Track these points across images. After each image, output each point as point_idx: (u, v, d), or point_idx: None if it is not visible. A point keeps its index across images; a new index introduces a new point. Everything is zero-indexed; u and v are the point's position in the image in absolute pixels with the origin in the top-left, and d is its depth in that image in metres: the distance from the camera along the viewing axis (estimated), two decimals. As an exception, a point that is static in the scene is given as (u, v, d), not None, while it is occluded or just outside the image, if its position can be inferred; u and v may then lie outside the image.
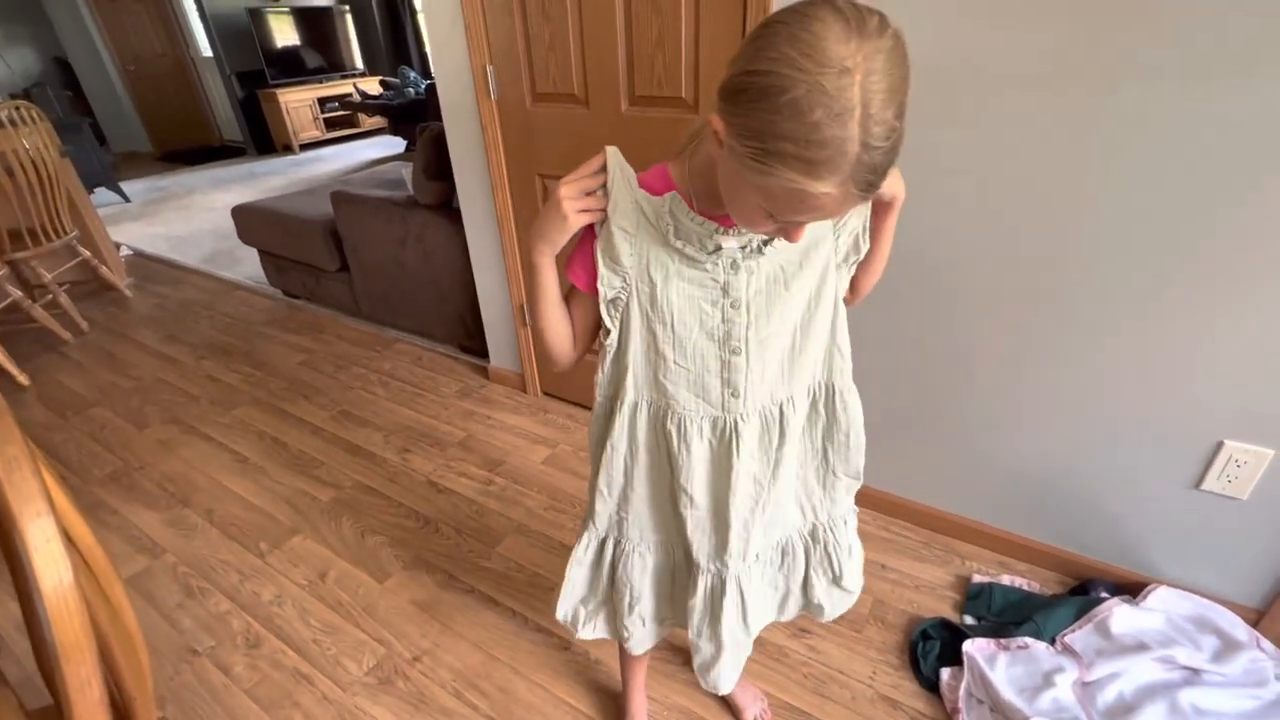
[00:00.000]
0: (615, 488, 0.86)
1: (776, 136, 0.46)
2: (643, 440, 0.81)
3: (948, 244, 1.28)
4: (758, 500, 0.83)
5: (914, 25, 1.10)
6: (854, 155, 0.45)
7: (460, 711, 1.26)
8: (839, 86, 0.43)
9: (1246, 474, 1.19)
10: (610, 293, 0.72)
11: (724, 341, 0.73)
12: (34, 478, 0.47)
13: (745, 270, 0.69)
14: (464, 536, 1.68)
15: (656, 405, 0.78)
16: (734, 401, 0.76)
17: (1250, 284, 1.06)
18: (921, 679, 1.27)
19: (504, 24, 1.61)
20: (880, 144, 0.46)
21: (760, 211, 0.54)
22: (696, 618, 0.90)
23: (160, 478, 1.95)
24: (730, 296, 0.70)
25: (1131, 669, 1.17)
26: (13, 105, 2.63)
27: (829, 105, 0.43)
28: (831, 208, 0.50)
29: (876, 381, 1.49)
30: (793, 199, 0.49)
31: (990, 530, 1.53)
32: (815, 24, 0.44)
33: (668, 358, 0.74)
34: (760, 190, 0.51)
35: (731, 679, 0.95)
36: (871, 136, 0.45)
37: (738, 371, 0.74)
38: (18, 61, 6.32)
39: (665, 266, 0.70)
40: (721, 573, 0.87)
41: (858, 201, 0.50)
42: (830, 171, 0.46)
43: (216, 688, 1.33)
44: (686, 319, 0.72)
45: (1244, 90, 0.95)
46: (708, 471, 0.81)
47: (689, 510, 0.82)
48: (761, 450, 0.80)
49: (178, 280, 3.52)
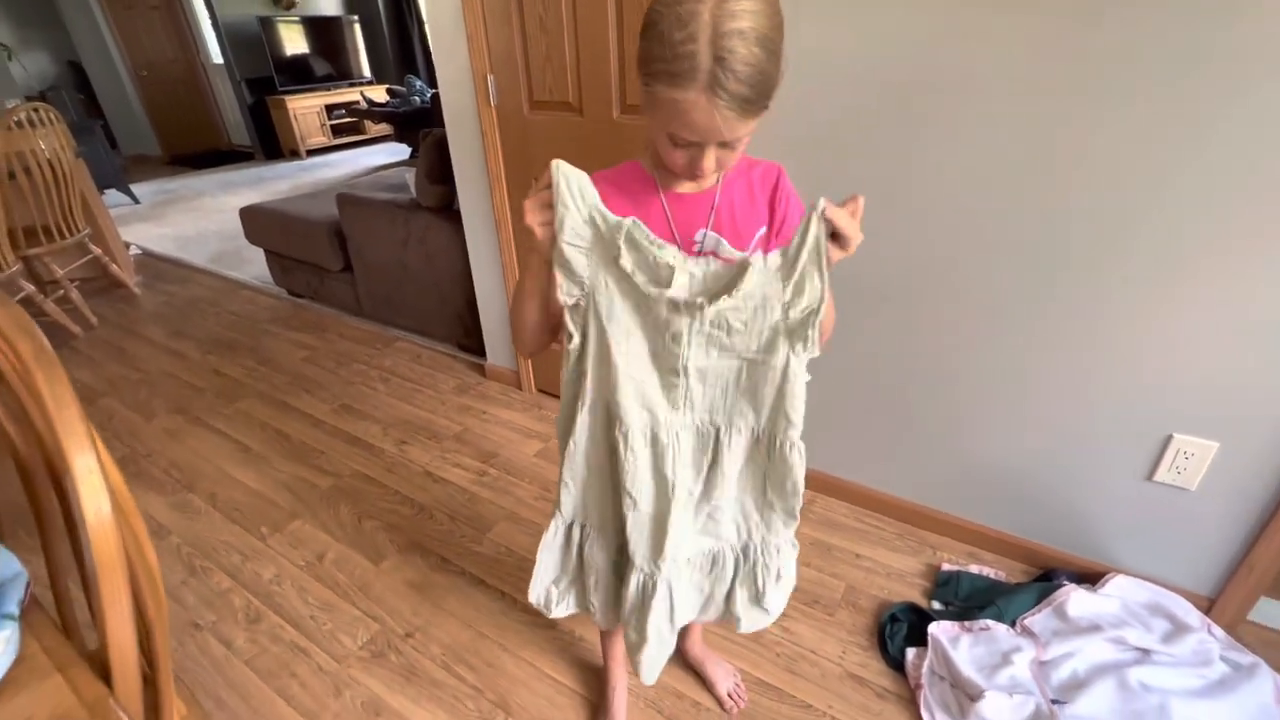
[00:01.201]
0: (578, 480, 0.89)
1: (651, 60, 0.60)
2: (600, 440, 0.85)
3: (921, 257, 1.36)
4: (691, 511, 0.87)
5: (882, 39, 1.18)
6: (708, 68, 0.58)
7: (449, 683, 1.32)
8: (691, 13, 0.57)
9: (1194, 465, 1.26)
10: (569, 299, 0.75)
11: (664, 363, 0.77)
12: (80, 417, 0.55)
13: (686, 315, 0.72)
14: (457, 523, 1.75)
15: (609, 409, 0.81)
16: (673, 415, 0.80)
17: (1186, 286, 1.14)
18: (888, 658, 1.34)
19: (504, 34, 1.70)
20: (732, 58, 0.57)
21: (664, 139, 0.66)
22: (627, 608, 0.93)
23: (166, 464, 2.02)
24: (671, 330, 0.74)
25: (1085, 649, 1.24)
26: (31, 107, 2.73)
27: (683, 27, 0.57)
28: (704, 121, 0.61)
29: (855, 382, 1.57)
30: (671, 110, 0.62)
31: (960, 522, 1.60)
32: None
33: (619, 366, 0.77)
34: (653, 114, 0.63)
35: (655, 671, 0.96)
36: (724, 51, 0.57)
37: (676, 390, 0.79)
38: (33, 64, 6.47)
39: (619, 283, 0.73)
40: (654, 575, 0.89)
41: (733, 120, 0.61)
42: (689, 80, 0.59)
43: (218, 659, 1.39)
44: (634, 335, 0.76)
45: (1167, 99, 1.03)
46: (650, 478, 0.84)
47: (631, 512, 0.85)
48: (694, 465, 0.84)
49: (185, 279, 3.61)
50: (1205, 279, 1.12)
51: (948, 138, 1.23)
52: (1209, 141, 1.04)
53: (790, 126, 1.34)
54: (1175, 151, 1.06)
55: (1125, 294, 1.19)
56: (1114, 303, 1.21)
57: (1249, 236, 1.06)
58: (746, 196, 0.80)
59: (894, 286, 1.42)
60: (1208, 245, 1.10)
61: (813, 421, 1.73)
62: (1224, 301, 1.12)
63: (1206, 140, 1.04)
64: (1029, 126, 1.15)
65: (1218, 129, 1.02)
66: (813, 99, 1.31)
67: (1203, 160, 1.05)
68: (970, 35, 1.14)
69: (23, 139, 2.66)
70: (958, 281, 1.35)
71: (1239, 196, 1.05)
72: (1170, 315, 1.17)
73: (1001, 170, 1.21)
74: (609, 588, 0.99)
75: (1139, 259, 1.16)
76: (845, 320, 1.50)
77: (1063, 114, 1.12)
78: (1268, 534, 1.23)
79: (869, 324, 1.49)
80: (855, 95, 1.28)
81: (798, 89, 1.34)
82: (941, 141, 1.24)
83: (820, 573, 1.55)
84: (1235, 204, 1.05)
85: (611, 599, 1.00)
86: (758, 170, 0.81)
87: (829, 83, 1.29)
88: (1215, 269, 1.11)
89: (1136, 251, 1.16)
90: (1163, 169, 1.08)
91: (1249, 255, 1.07)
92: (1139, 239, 1.14)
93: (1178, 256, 1.13)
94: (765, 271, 0.70)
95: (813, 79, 1.29)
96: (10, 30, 6.25)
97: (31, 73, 6.42)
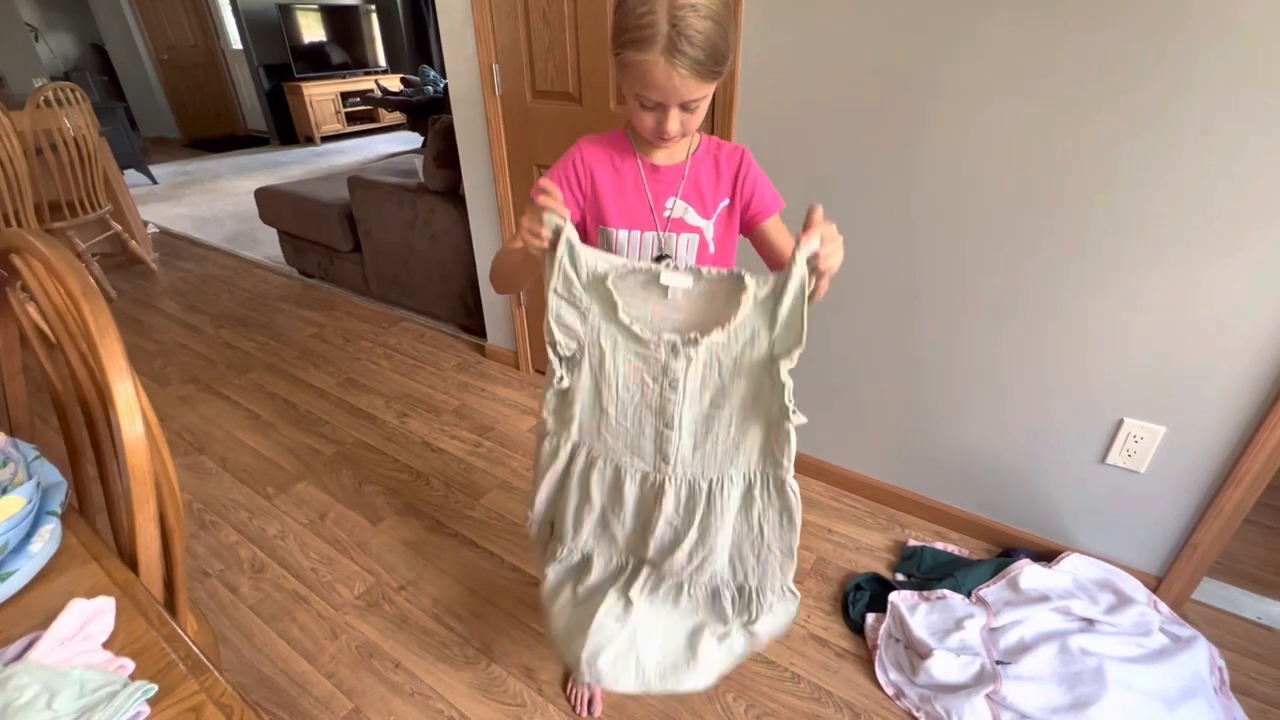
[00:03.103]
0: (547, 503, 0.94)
1: (618, 30, 0.71)
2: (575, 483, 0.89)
3: (892, 255, 1.44)
4: (673, 544, 0.88)
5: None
6: (665, 33, 0.68)
7: (438, 632, 1.42)
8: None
9: (1144, 449, 1.33)
10: (566, 352, 0.80)
11: (659, 413, 0.80)
12: (120, 347, 0.64)
13: (684, 356, 0.76)
14: (452, 489, 1.85)
15: (595, 451, 0.86)
16: (664, 465, 0.83)
17: (1136, 278, 1.21)
18: (850, 623, 1.42)
19: (509, 27, 1.79)
20: (689, 31, 0.67)
21: (634, 103, 0.75)
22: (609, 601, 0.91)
23: (180, 428, 2.13)
24: (669, 377, 0.77)
25: (1033, 617, 1.32)
26: (58, 86, 2.84)
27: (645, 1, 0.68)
28: (664, 80, 0.71)
29: (834, 371, 1.66)
30: (637, 72, 0.72)
31: (929, 502, 1.68)
32: None
33: (610, 415, 0.81)
34: (623, 79, 0.73)
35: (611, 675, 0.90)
36: (679, 20, 0.67)
37: (669, 443, 0.81)
38: (58, 46, 6.62)
39: (614, 338, 0.77)
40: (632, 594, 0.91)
41: (691, 81, 0.71)
42: (650, 44, 0.69)
43: (225, 603, 1.49)
44: (630, 385, 0.79)
45: (1118, 103, 1.11)
46: (635, 510, 0.88)
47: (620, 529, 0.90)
48: (687, 512, 0.85)
49: (201, 257, 3.73)
50: (1154, 272, 1.19)
51: (919, 137, 1.31)
52: (1155, 145, 1.11)
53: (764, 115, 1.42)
54: (1123, 153, 1.14)
55: (1081, 286, 1.27)
56: (1070, 294, 1.29)
57: (1193, 234, 1.14)
58: (713, 172, 0.89)
59: (868, 283, 1.50)
60: (1156, 242, 1.17)
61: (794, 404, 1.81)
62: (1171, 293, 1.19)
63: (1153, 143, 1.11)
64: (992, 129, 1.23)
65: (1164, 132, 1.10)
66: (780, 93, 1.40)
67: (1149, 163, 1.12)
68: (950, 38, 1.21)
69: (50, 117, 2.78)
70: (928, 279, 1.43)
71: (1183, 197, 1.12)
72: (1121, 305, 1.25)
73: (971, 172, 1.29)
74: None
75: (1091, 254, 1.23)
76: (823, 314, 1.58)
77: (1022, 115, 1.19)
78: (1209, 516, 1.31)
79: (846, 319, 1.57)
80: (832, 94, 1.36)
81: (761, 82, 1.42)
82: (915, 141, 1.32)
83: (793, 545, 1.63)
84: (1179, 205, 1.13)
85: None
86: (724, 150, 0.90)
87: (808, 80, 1.38)
88: (1163, 263, 1.18)
89: (1089, 248, 1.23)
90: (1113, 170, 1.16)
91: (1193, 251, 1.15)
92: (1091, 236, 1.22)
93: (1127, 251, 1.20)
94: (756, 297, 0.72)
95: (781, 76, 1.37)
96: (36, 12, 6.40)
97: (57, 54, 6.57)
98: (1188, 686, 1.21)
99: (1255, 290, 1.12)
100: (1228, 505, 1.28)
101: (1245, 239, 1.10)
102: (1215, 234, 1.12)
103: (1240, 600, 1.46)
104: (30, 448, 0.73)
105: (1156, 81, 1.07)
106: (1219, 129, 1.06)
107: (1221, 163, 1.07)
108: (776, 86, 1.42)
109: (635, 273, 0.75)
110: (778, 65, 1.39)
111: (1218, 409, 1.23)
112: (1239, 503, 1.27)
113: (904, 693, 1.26)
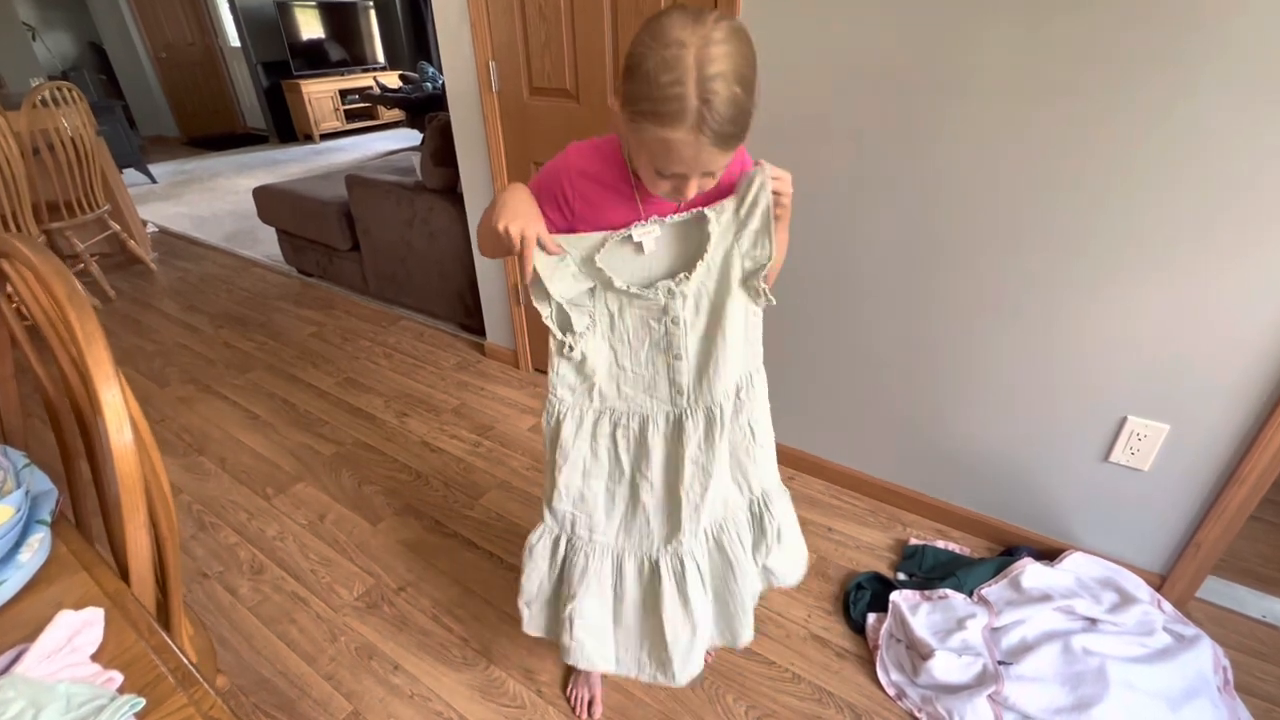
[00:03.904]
0: (572, 488, 0.97)
1: (639, 99, 0.63)
2: (604, 446, 0.94)
3: (895, 253, 1.42)
4: (702, 483, 0.94)
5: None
6: (695, 108, 0.62)
7: (437, 633, 1.42)
8: (677, 57, 0.60)
9: (1147, 447, 1.32)
10: (580, 328, 0.86)
11: (668, 349, 0.88)
12: (107, 354, 0.63)
13: (679, 295, 0.84)
14: (451, 489, 1.84)
15: (618, 411, 0.92)
16: (679, 398, 0.91)
17: (1139, 275, 1.19)
18: (851, 623, 1.41)
19: (505, 23, 1.77)
20: (717, 99, 0.61)
21: (649, 169, 0.70)
22: (669, 605, 0.98)
23: (179, 429, 2.13)
24: (670, 315, 0.86)
25: (1034, 617, 1.31)
26: (54, 86, 2.83)
27: (670, 70, 0.61)
28: (691, 155, 0.66)
29: (837, 368, 1.65)
30: (660, 147, 0.66)
31: (931, 501, 1.67)
32: (664, 17, 0.63)
33: (626, 368, 0.90)
34: (640, 146, 0.67)
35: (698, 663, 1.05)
36: (709, 94, 0.61)
37: (681, 374, 0.89)
38: (55, 45, 6.60)
39: (619, 301, 0.85)
40: (679, 551, 0.98)
41: (717, 153, 0.66)
42: (678, 121, 0.63)
43: (224, 605, 1.49)
44: (640, 335, 0.88)
45: (1121, 99, 1.09)
46: (663, 459, 0.94)
47: (649, 495, 0.95)
48: (707, 440, 0.92)
49: (200, 256, 3.72)
50: (1159, 269, 1.18)
51: (925, 137, 1.29)
52: (1161, 140, 1.09)
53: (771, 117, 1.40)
54: (1128, 150, 1.12)
55: (1084, 284, 1.25)
56: (1073, 292, 1.27)
57: (1199, 231, 1.12)
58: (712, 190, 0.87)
59: (871, 280, 1.49)
60: (1161, 240, 1.15)
61: (796, 404, 1.82)
62: (1175, 290, 1.18)
63: (1159, 139, 1.09)
64: (996, 125, 1.21)
65: (1171, 128, 1.08)
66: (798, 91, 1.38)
67: (1154, 158, 1.11)
68: (957, 38, 1.20)
69: (47, 117, 2.77)
70: (930, 276, 1.41)
71: (1189, 196, 1.10)
72: (1125, 302, 1.23)
73: (975, 172, 1.27)
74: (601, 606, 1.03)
75: (1095, 253, 1.22)
76: (826, 310, 1.57)
77: (1025, 114, 1.18)
78: (1214, 514, 1.29)
79: (849, 315, 1.56)
80: (835, 93, 1.34)
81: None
82: (921, 141, 1.30)
83: (793, 544, 1.63)
84: (1183, 201, 1.11)
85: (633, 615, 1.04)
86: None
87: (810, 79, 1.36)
88: (1168, 261, 1.16)
89: (1093, 246, 1.21)
90: (1118, 170, 1.14)
91: (1198, 248, 1.13)
92: (1096, 234, 1.20)
93: (1131, 249, 1.18)
94: (720, 226, 0.81)
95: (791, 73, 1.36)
96: (34, 10, 6.38)
97: (54, 53, 6.56)
98: (1191, 686, 1.20)
99: (1260, 288, 1.11)
100: (1232, 503, 1.27)
101: (1250, 237, 1.08)
102: (1220, 232, 1.10)
103: (1245, 599, 1.45)
104: (20, 455, 0.73)
105: (1163, 82, 1.05)
106: (1226, 129, 1.04)
107: (1227, 162, 1.06)
108: (779, 85, 1.40)
109: (611, 241, 0.81)
110: (781, 63, 1.38)
111: (1222, 407, 1.22)
112: (1244, 501, 1.26)
113: (905, 693, 1.25)
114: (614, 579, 1.02)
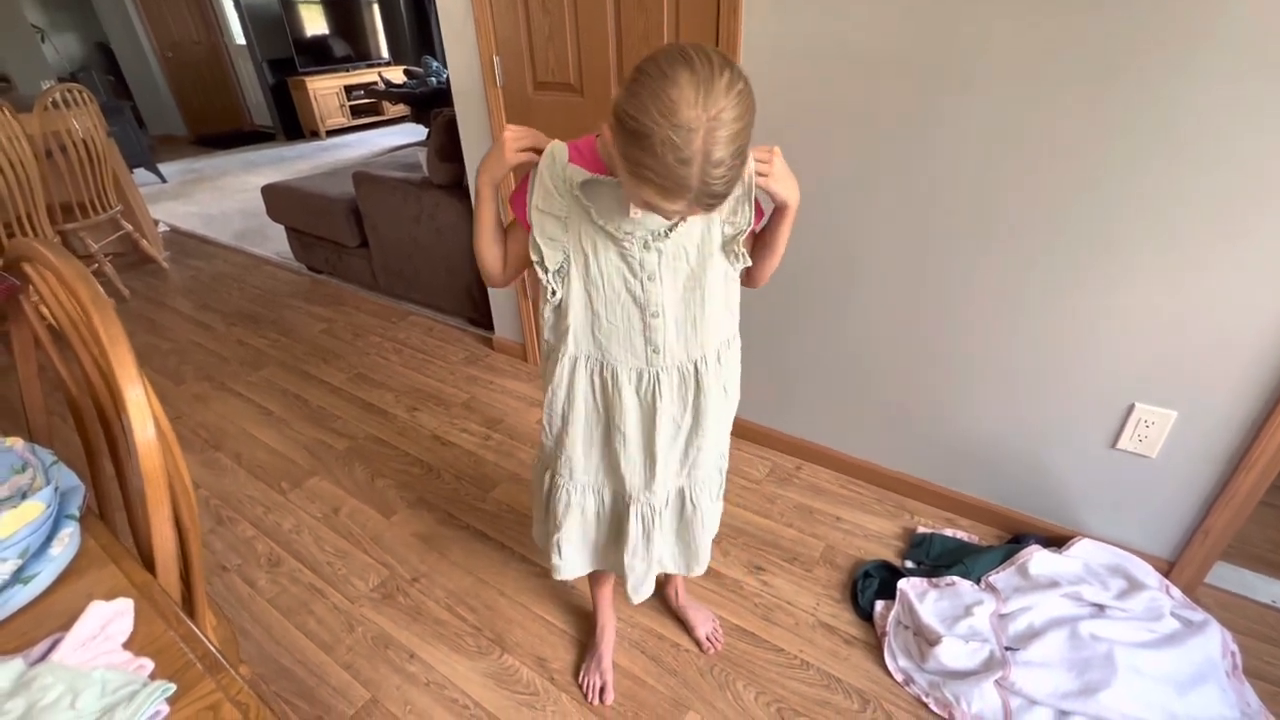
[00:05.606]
0: (553, 427, 1.02)
1: (642, 166, 0.63)
2: (580, 391, 0.95)
3: (902, 242, 1.42)
4: (675, 439, 0.98)
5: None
6: (695, 187, 0.63)
7: (451, 623, 1.44)
8: (686, 140, 0.60)
9: (1155, 434, 1.32)
10: (554, 265, 0.85)
11: (644, 307, 0.87)
12: (130, 354, 0.65)
13: (655, 250, 0.84)
14: (463, 482, 1.87)
15: (593, 359, 0.92)
16: (655, 356, 0.90)
17: (1146, 262, 1.19)
18: (859, 610, 1.43)
19: (509, 18, 1.78)
20: (716, 182, 0.63)
21: (637, 198, 0.71)
22: (633, 542, 1.06)
23: (195, 425, 2.17)
24: (646, 270, 0.85)
25: (1042, 603, 1.32)
26: (65, 88, 2.86)
27: (678, 153, 0.60)
28: (685, 213, 0.71)
29: (844, 358, 1.65)
30: (655, 207, 0.68)
31: (939, 489, 1.68)
32: (673, 88, 0.59)
33: (601, 316, 0.88)
34: (634, 191, 0.68)
35: (650, 588, 1.15)
36: (709, 176, 0.62)
37: (657, 332, 0.89)
38: (63, 46, 6.65)
39: (594, 241, 0.84)
40: (651, 501, 1.03)
41: (705, 211, 0.69)
42: (678, 196, 0.64)
43: (243, 597, 1.53)
44: (615, 284, 0.86)
45: (1129, 88, 1.08)
46: (638, 415, 0.96)
47: (623, 446, 0.97)
48: (680, 399, 0.95)
49: (211, 255, 3.76)
50: (1165, 256, 1.18)
51: (930, 127, 1.29)
52: (1172, 129, 1.08)
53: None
54: (1135, 142, 1.11)
55: (1091, 271, 1.25)
56: (1081, 279, 1.27)
57: (1205, 219, 1.11)
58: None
59: (878, 269, 1.49)
60: (1167, 227, 1.15)
61: (802, 393, 1.82)
62: (1181, 277, 1.18)
63: (1170, 128, 1.08)
64: (1001, 116, 1.21)
65: (1180, 118, 1.07)
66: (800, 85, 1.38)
67: (1162, 146, 1.10)
68: (962, 30, 1.19)
69: (59, 119, 2.80)
70: (938, 265, 1.41)
71: (1195, 183, 1.10)
72: (1132, 289, 1.23)
73: (982, 160, 1.27)
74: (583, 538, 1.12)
75: (1102, 240, 1.21)
76: (833, 300, 1.58)
77: (1030, 99, 1.17)
78: (1222, 500, 1.30)
79: (855, 305, 1.56)
80: (839, 85, 1.34)
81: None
82: (926, 131, 1.30)
83: (801, 533, 1.64)
84: (1191, 188, 1.10)
85: (581, 548, 1.13)
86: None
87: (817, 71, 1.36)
88: (1174, 248, 1.16)
89: (1100, 234, 1.21)
90: (1123, 158, 1.13)
91: (1205, 235, 1.13)
92: (1103, 222, 1.20)
93: (1137, 237, 1.18)
94: None
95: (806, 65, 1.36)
96: (41, 12, 6.43)
97: (63, 54, 6.61)
98: (1199, 671, 1.20)
99: (1267, 274, 1.10)
100: (1241, 489, 1.27)
101: (1256, 223, 1.08)
102: (1227, 219, 1.10)
103: (1254, 584, 1.45)
104: (48, 453, 0.75)
105: (1170, 72, 1.05)
106: (1231, 116, 1.03)
107: (1233, 148, 1.05)
108: (781, 79, 1.40)
109: (598, 182, 0.80)
110: (783, 57, 1.38)
111: (1230, 393, 1.22)
112: (1252, 487, 1.26)
113: (913, 679, 1.26)
114: (596, 508, 1.09)
